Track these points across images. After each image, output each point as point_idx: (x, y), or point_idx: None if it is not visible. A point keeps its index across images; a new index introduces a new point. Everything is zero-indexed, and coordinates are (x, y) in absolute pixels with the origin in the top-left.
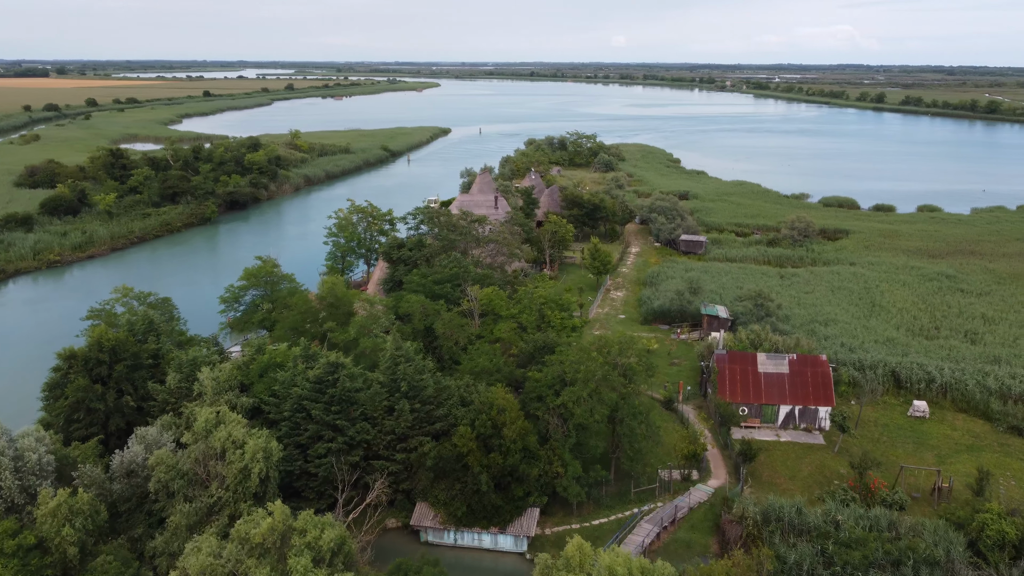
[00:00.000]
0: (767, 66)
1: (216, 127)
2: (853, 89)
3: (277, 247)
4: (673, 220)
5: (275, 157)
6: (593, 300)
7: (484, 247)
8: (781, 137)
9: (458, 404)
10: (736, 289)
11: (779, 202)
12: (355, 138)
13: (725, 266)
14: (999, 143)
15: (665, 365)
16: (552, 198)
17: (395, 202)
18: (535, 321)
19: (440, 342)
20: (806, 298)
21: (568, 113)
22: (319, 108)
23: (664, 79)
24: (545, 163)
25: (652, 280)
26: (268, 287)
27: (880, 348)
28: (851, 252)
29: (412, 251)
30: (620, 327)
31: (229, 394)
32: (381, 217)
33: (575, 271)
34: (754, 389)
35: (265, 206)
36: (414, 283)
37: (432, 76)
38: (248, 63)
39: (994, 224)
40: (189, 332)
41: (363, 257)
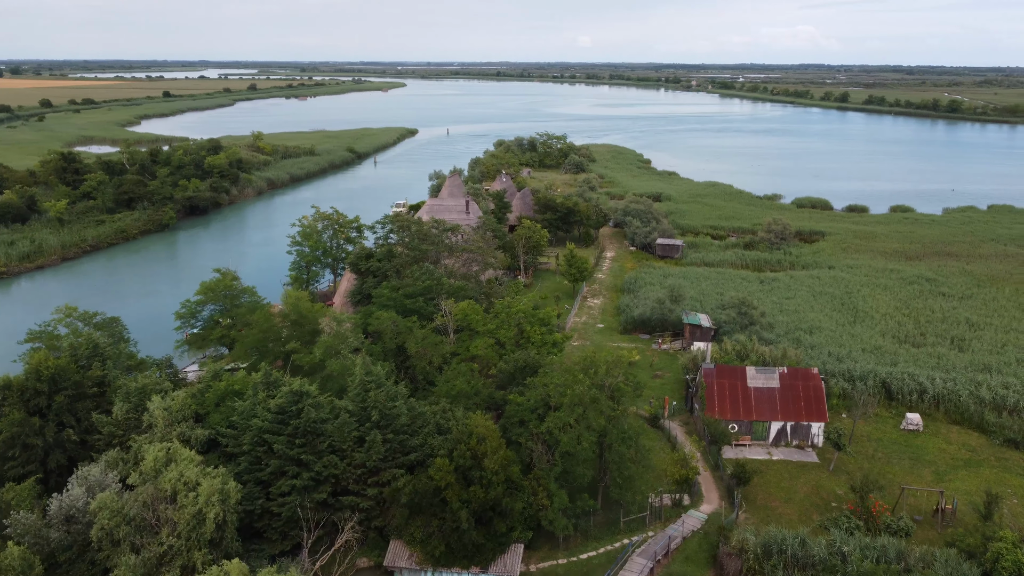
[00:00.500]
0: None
1: (176, 129)
2: (817, 88)
3: (239, 254)
4: (648, 223)
5: (237, 160)
6: (570, 309)
7: (458, 256)
8: (749, 137)
9: (434, 432)
10: (717, 296)
11: (752, 203)
12: (320, 139)
13: (703, 271)
14: (962, 142)
15: (647, 377)
16: (524, 201)
17: (362, 206)
18: (514, 337)
19: (413, 362)
20: (788, 304)
21: (536, 113)
22: (283, 108)
23: (630, 79)
24: (516, 165)
25: (630, 287)
26: (227, 302)
27: (868, 357)
28: (829, 255)
29: (381, 262)
30: (599, 337)
31: (182, 425)
32: (348, 224)
33: (550, 277)
34: (744, 405)
35: (227, 211)
36: (384, 297)
37: (398, 76)
38: (210, 63)
39: (967, 225)
40: (141, 354)
41: (329, 267)
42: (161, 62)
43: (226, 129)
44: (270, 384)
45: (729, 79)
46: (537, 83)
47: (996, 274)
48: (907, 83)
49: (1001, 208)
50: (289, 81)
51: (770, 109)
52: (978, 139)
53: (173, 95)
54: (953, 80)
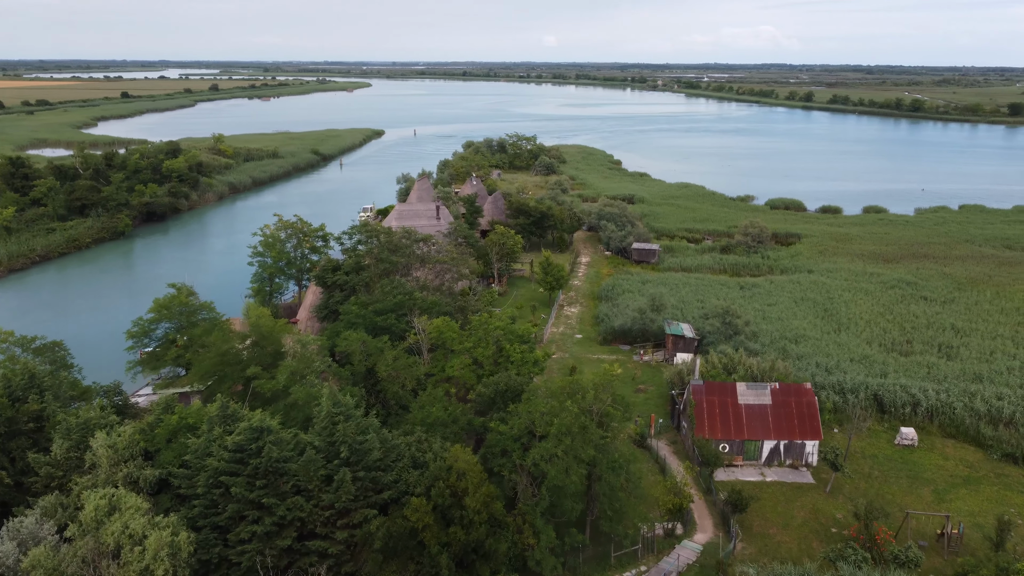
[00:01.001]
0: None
1: (134, 131)
2: (780, 88)
3: (200, 263)
4: (623, 227)
5: (197, 163)
6: (547, 318)
7: (430, 268)
8: (718, 137)
9: (409, 467)
10: (697, 303)
11: (726, 205)
12: (284, 141)
13: (681, 276)
14: (926, 141)
15: (630, 392)
16: (496, 206)
17: (328, 210)
18: (492, 356)
19: (384, 385)
20: (770, 311)
21: (503, 114)
22: (245, 109)
23: (596, 79)
24: (485, 167)
25: (607, 294)
26: (182, 319)
27: (857, 367)
28: (807, 258)
29: (349, 275)
30: (578, 349)
31: (129, 465)
32: (312, 233)
33: (525, 285)
34: (735, 423)
35: (186, 217)
36: (352, 314)
37: (363, 76)
38: (171, 63)
39: (941, 225)
40: (88, 379)
41: (293, 278)
42: (120, 62)
43: (187, 131)
44: (227, 418)
45: (694, 79)
46: (503, 83)
47: (975, 276)
48: (868, 82)
49: (972, 208)
50: (252, 81)
51: (736, 109)
52: (942, 138)
53: (132, 96)
54: (912, 79)
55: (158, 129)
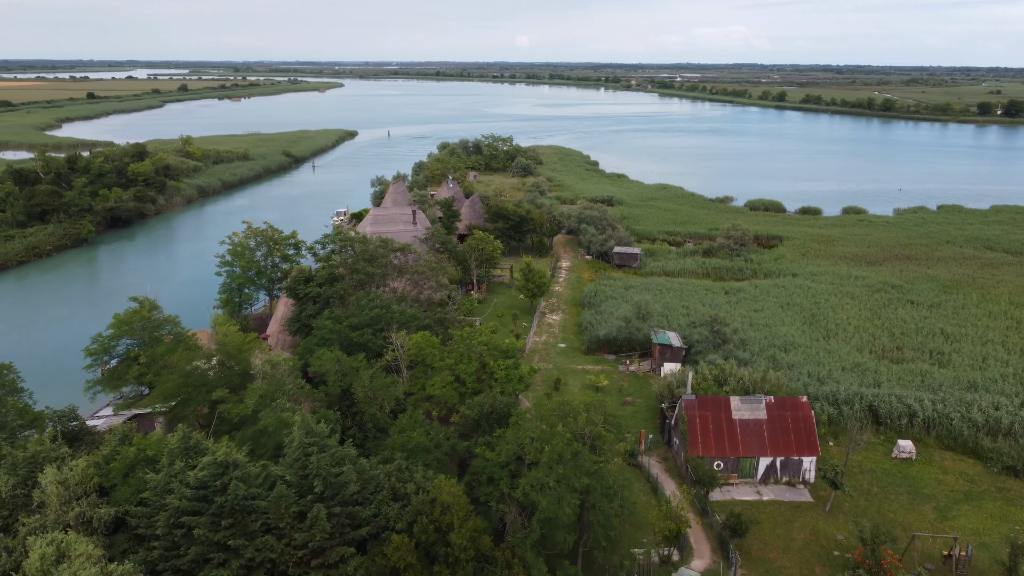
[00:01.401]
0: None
1: (100, 132)
2: (753, 88)
3: (167, 271)
4: (604, 231)
5: (164, 166)
6: (529, 327)
7: (408, 278)
8: (693, 137)
9: (389, 499)
10: (682, 309)
11: (706, 207)
12: (254, 143)
13: (665, 281)
14: (899, 140)
15: (617, 404)
16: (474, 209)
17: (301, 213)
18: (475, 373)
19: (361, 407)
20: (757, 317)
21: (478, 114)
22: (215, 110)
23: (570, 78)
24: (462, 169)
25: (590, 301)
26: (144, 335)
27: (850, 377)
28: (790, 261)
29: (322, 287)
30: (562, 359)
31: (82, 503)
32: (283, 240)
33: (505, 291)
34: (730, 440)
35: (153, 222)
36: (326, 329)
37: (335, 76)
38: (139, 63)
39: (921, 226)
40: (41, 403)
41: (264, 288)
42: (87, 62)
43: (154, 132)
44: (189, 450)
45: (667, 78)
46: (477, 83)
47: (959, 279)
48: (839, 82)
49: (951, 208)
50: (222, 82)
51: (709, 108)
52: (913, 137)
53: (98, 96)
54: (881, 79)
55: (125, 131)
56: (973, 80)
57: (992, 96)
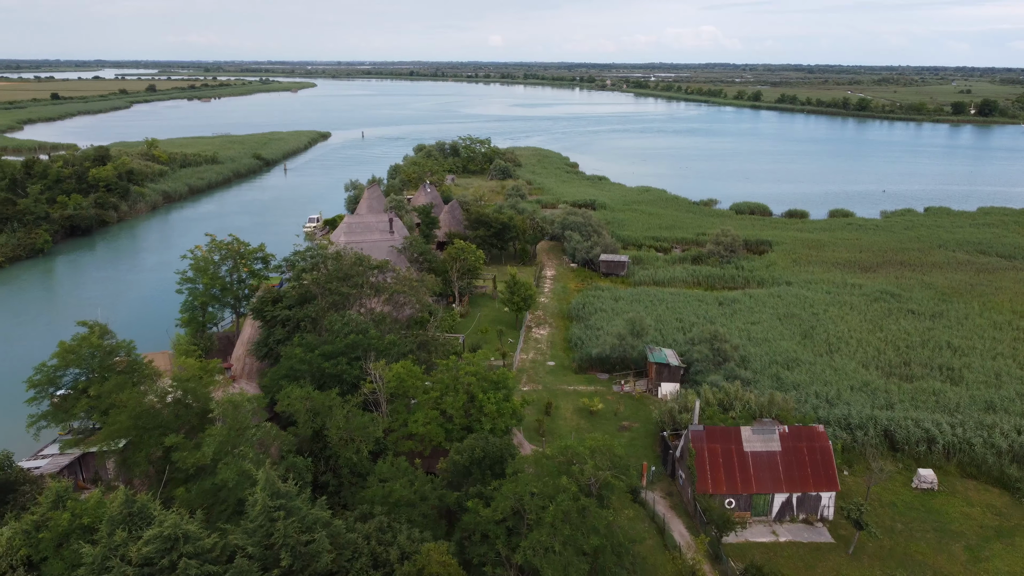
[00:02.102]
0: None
1: (63, 134)
2: (726, 87)
3: (130, 282)
4: (589, 237)
5: (127, 171)
6: (515, 342)
7: (388, 298)
8: (671, 137)
9: (369, 566)
10: (676, 322)
11: (691, 210)
12: (223, 145)
13: (655, 291)
14: (876, 140)
15: (613, 430)
16: (453, 215)
17: (272, 219)
18: (463, 407)
19: (335, 451)
20: (755, 331)
21: (453, 114)
22: (184, 111)
23: (545, 78)
24: (440, 172)
25: (578, 313)
26: (94, 364)
27: (860, 397)
28: (782, 269)
29: (292, 309)
30: (551, 378)
31: None
32: (251, 254)
33: (488, 303)
34: (742, 475)
35: (115, 230)
36: (296, 358)
37: (307, 76)
38: (107, 62)
39: (911, 230)
40: None
41: (229, 306)
42: (53, 62)
43: (120, 134)
44: (133, 517)
45: (641, 78)
46: (451, 83)
47: (956, 286)
48: (811, 82)
49: (938, 211)
50: (191, 82)
51: (685, 108)
52: (890, 137)
53: (63, 97)
54: (853, 79)
55: (89, 132)
56: (942, 80)
57: (963, 96)
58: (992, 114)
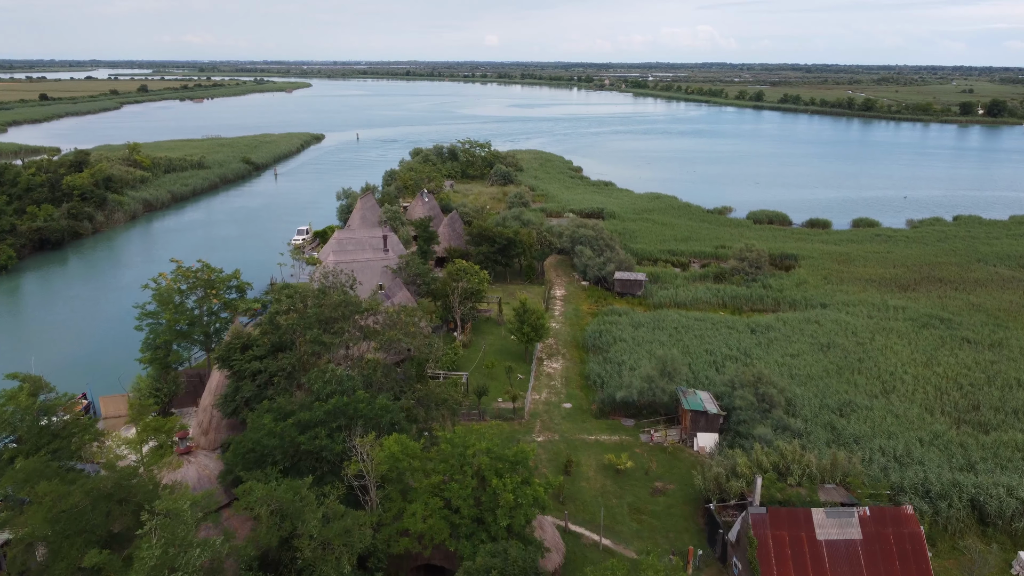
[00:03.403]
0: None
1: (48, 137)
2: (725, 86)
3: (103, 301)
4: (601, 253)
5: (105, 178)
6: (526, 379)
7: (380, 344)
8: (675, 139)
9: None
10: (706, 355)
11: (705, 219)
12: (212, 148)
13: (678, 316)
14: (885, 142)
15: (645, 492)
16: (453, 228)
17: (260, 229)
18: (471, 495)
19: (308, 563)
20: (796, 366)
21: (450, 115)
22: (175, 112)
23: (542, 78)
24: (438, 178)
25: (595, 343)
26: (23, 427)
27: (933, 454)
28: (813, 287)
29: (264, 360)
30: (569, 425)
31: None
32: (223, 283)
33: (492, 329)
34: (815, 569)
35: (89, 243)
36: (264, 430)
37: (303, 76)
38: (101, 63)
39: (944, 241)
40: None
41: (199, 343)
42: (48, 62)
43: (107, 137)
44: None
45: (639, 78)
46: (448, 83)
47: (1008, 308)
48: (810, 81)
49: (968, 220)
50: (184, 82)
51: (685, 109)
52: (899, 138)
53: (51, 98)
54: (852, 78)
55: (75, 135)
56: (941, 79)
57: (966, 96)
58: (1001, 114)
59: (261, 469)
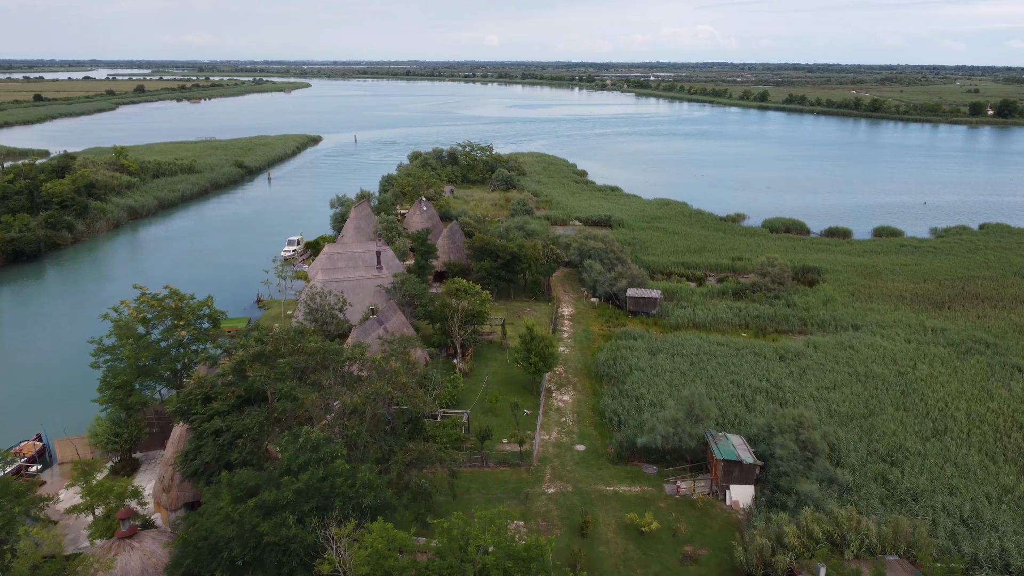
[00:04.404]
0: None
1: (38, 139)
2: (730, 86)
3: (78, 319)
4: (612, 267)
5: (87, 184)
6: (534, 414)
7: (363, 397)
8: (681, 141)
9: None
10: (733, 387)
11: (719, 228)
12: (204, 151)
13: (698, 339)
14: (896, 143)
15: (673, 560)
16: (453, 241)
17: (251, 238)
18: None
19: None
20: (835, 400)
21: (450, 116)
22: (171, 113)
23: (543, 78)
24: (437, 184)
25: (609, 372)
26: None
27: (1007, 516)
28: (843, 306)
29: (227, 417)
30: (583, 473)
31: None
32: (193, 311)
33: (495, 354)
34: None
35: (69, 254)
36: (221, 514)
37: (302, 75)
38: (101, 63)
39: (974, 253)
40: None
41: (165, 382)
42: (48, 62)
43: (99, 139)
44: None
45: (640, 77)
46: (448, 83)
47: None
48: (813, 81)
49: (997, 228)
50: (182, 82)
51: (689, 109)
52: (909, 139)
53: (46, 99)
54: (855, 78)
55: (66, 136)
56: (945, 79)
57: (972, 96)
58: (1012, 115)
59: (217, 562)
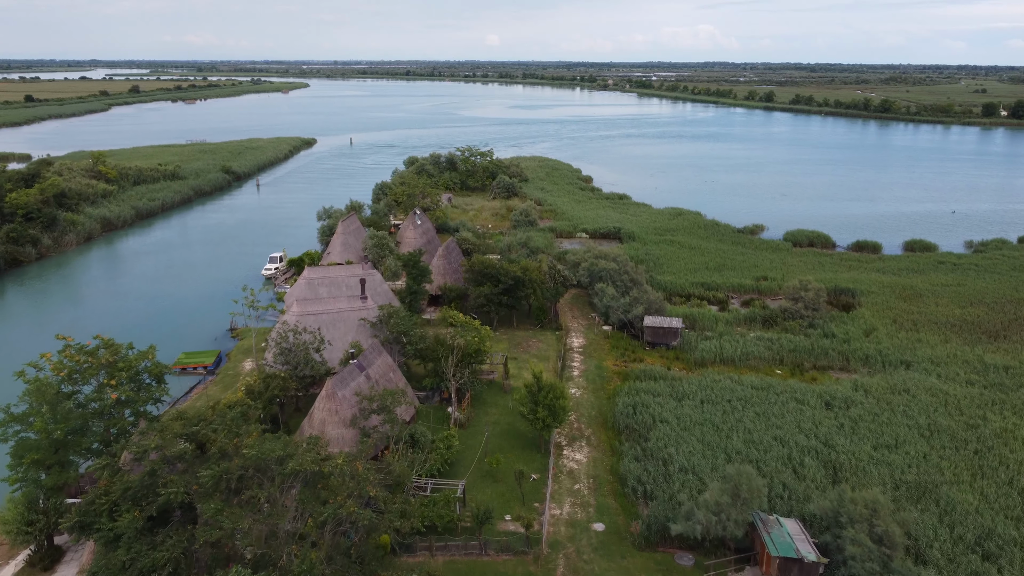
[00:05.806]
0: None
1: (23, 142)
2: (731, 86)
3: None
4: (627, 291)
5: (58, 193)
6: (541, 480)
7: (326, 522)
8: (689, 144)
9: None
10: (776, 443)
11: (737, 241)
12: (192, 155)
13: (730, 383)
14: (910, 146)
15: None
16: (449, 261)
17: (232, 251)
18: None
19: None
20: (896, 463)
21: (449, 117)
22: (165, 114)
23: (544, 78)
24: (435, 193)
25: (628, 423)
26: None
27: None
28: (887, 337)
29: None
30: (604, 563)
31: None
32: (131, 365)
33: (495, 397)
34: None
35: (33, 271)
36: None
37: (301, 76)
38: (101, 63)
39: (1020, 271)
40: None
41: (92, 452)
42: (47, 62)
43: (85, 142)
44: None
45: (642, 77)
46: (448, 83)
47: None
48: (816, 81)
49: None
50: (179, 82)
51: (693, 110)
52: (921, 142)
53: (37, 100)
54: (859, 78)
55: (53, 139)
56: (948, 78)
57: (980, 95)
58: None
59: None
